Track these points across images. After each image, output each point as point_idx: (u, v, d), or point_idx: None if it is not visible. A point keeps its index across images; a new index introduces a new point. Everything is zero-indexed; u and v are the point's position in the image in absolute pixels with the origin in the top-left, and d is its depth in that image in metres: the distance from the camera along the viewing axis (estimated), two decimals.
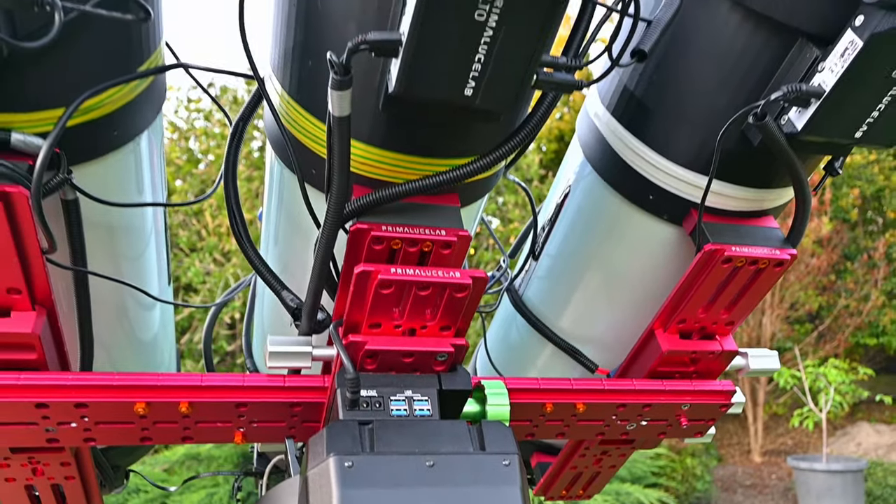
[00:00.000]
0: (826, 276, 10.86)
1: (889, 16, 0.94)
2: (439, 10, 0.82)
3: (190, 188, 9.74)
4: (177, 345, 1.84)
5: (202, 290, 8.87)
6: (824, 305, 10.92)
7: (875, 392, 9.98)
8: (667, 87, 1.21)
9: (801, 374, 8.94)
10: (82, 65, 1.00)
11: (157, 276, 1.60)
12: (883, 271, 11.05)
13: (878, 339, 11.23)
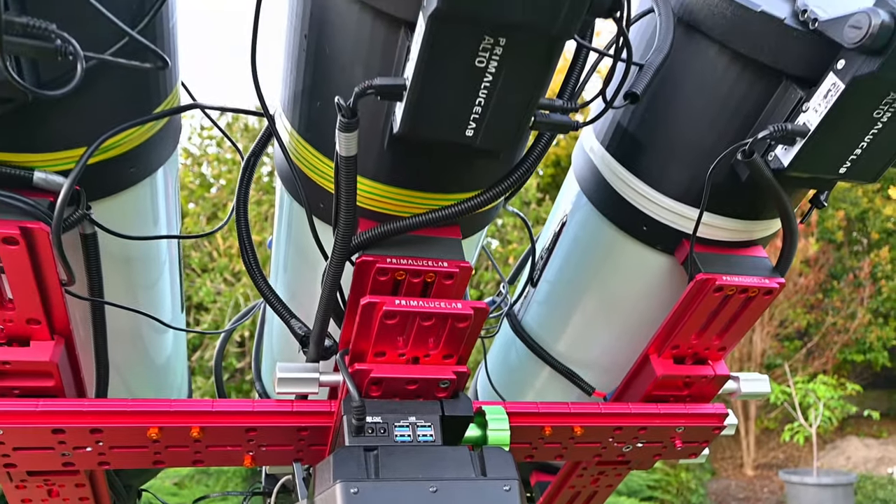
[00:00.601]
0: (814, 295, 10.83)
1: (869, 60, 0.95)
2: (442, 57, 0.83)
3: (202, 211, 9.76)
4: (188, 362, 1.83)
5: (213, 308, 8.87)
6: (812, 323, 10.88)
7: (863, 407, 9.92)
8: (658, 124, 1.22)
9: (791, 390, 8.88)
10: (102, 107, 1.01)
11: (170, 302, 1.60)
12: (868, 290, 11.03)
13: (864, 355, 11.17)
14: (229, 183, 9.87)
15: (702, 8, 1.09)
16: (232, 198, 9.33)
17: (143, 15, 0.98)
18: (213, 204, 9.77)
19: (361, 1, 0.92)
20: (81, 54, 0.79)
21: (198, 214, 9.73)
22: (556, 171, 11.19)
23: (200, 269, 9.30)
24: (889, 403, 12.30)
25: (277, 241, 1.50)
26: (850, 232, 12.11)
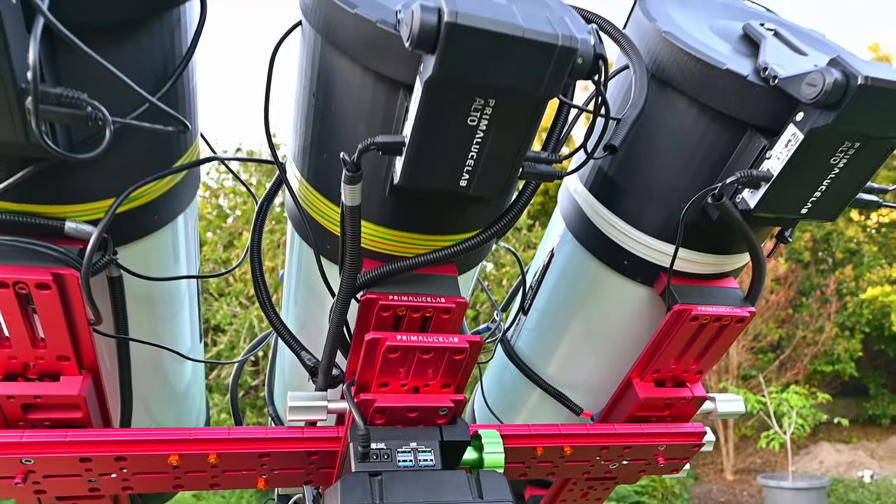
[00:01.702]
0: (784, 311, 10.84)
1: (825, 114, 0.96)
2: (437, 117, 0.85)
3: (219, 239, 9.77)
4: (206, 380, 1.82)
5: (229, 330, 8.83)
6: (784, 337, 10.87)
7: (833, 415, 9.87)
8: (636, 169, 1.24)
9: (766, 400, 8.83)
10: (128, 162, 1.02)
11: (189, 333, 1.60)
12: (835, 305, 11.04)
13: (833, 366, 11.15)
14: (244, 213, 9.90)
15: (673, 65, 1.11)
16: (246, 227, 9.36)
17: (165, 79, 0.99)
18: (229, 233, 9.79)
19: (364, 65, 0.94)
20: (110, 120, 0.80)
21: (215, 242, 9.74)
22: (544, 199, 11.24)
23: (218, 294, 9.28)
24: (857, 410, 12.25)
25: (288, 275, 1.50)
26: (816, 252, 12.16)
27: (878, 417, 12.27)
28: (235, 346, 8.69)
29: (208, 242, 9.52)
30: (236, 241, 9.59)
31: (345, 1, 0.90)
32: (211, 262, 9.50)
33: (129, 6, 0.87)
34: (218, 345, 8.71)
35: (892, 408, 12.24)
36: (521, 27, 0.77)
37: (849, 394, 12.27)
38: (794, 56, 1.10)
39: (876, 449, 11.17)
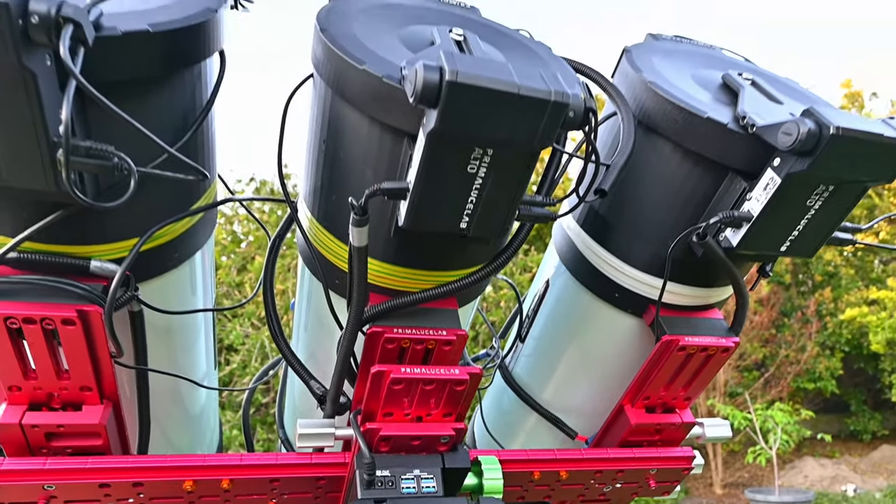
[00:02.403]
0: (768, 331, 10.79)
1: (800, 160, 0.97)
2: (438, 165, 0.86)
3: (233, 263, 9.78)
4: (215, 363, 1.79)
5: (241, 350, 8.79)
6: (768, 355, 10.80)
7: (816, 430, 9.76)
8: (625, 209, 1.25)
9: (752, 416, 8.75)
10: (150, 205, 1.03)
11: (204, 360, 1.59)
12: (815, 326, 10.99)
13: (815, 383, 11.06)
14: (256, 239, 9.92)
15: (658, 113, 1.13)
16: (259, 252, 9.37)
17: (186, 128, 1.01)
18: (242, 257, 9.80)
19: (371, 116, 0.95)
20: (135, 171, 0.81)
21: (229, 266, 9.75)
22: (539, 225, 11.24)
23: (231, 315, 9.25)
24: (839, 426, 12.11)
25: (299, 306, 1.50)
26: (796, 274, 12.14)
27: (860, 433, 12.12)
28: (247, 365, 8.64)
29: (223, 266, 9.53)
30: (249, 265, 9.60)
31: (353, 57, 0.91)
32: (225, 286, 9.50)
33: (154, 64, 0.88)
34: (230, 364, 8.66)
35: (873, 424, 12.10)
36: (517, 84, 0.78)
37: (831, 410, 12.15)
38: (770, 105, 1.12)
39: (858, 463, 11.02)
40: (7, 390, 1.04)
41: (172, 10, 0.89)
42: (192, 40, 0.91)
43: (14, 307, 0.94)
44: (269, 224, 9.70)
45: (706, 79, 1.23)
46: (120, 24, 0.81)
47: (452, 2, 1.22)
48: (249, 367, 8.43)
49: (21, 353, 1.00)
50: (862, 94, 13.22)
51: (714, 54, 1.38)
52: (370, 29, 1.01)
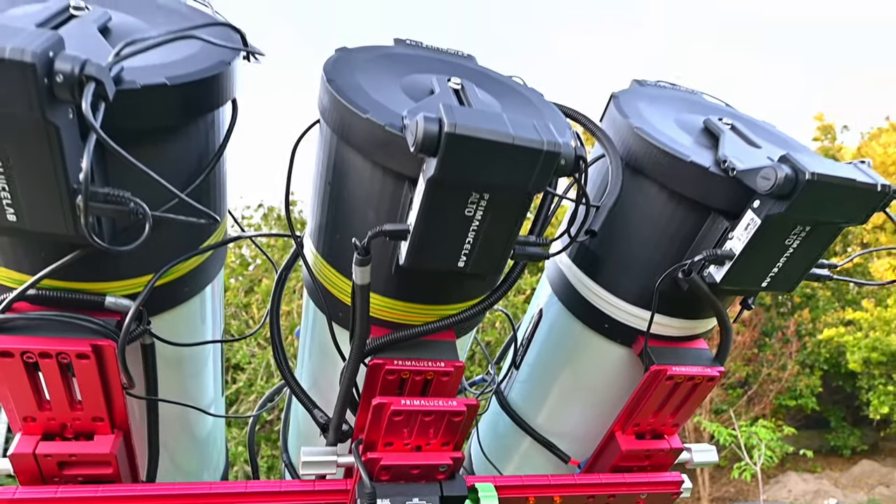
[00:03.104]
0: (750, 350, 10.75)
1: (778, 203, 0.98)
2: (438, 209, 0.86)
3: (241, 285, 9.74)
4: (223, 390, 1.77)
5: (248, 368, 8.72)
6: (751, 374, 10.75)
7: (798, 446, 9.66)
8: (614, 245, 1.25)
9: (736, 433, 8.66)
10: (163, 244, 1.03)
11: (212, 386, 1.58)
12: (795, 345, 10.97)
13: (796, 400, 10.99)
14: (264, 262, 9.91)
15: (644, 156, 1.13)
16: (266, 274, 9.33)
17: (200, 171, 1.01)
18: (249, 280, 9.77)
19: (374, 161, 0.96)
20: (150, 215, 0.81)
21: (237, 288, 9.71)
22: None
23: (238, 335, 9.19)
24: (820, 442, 12.00)
25: (304, 334, 1.49)
26: (776, 296, 12.15)
27: (840, 448, 12.01)
28: (253, 384, 8.56)
29: (231, 288, 9.49)
30: (256, 287, 9.56)
31: (357, 106, 0.92)
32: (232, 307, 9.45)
33: (171, 114, 0.89)
34: (237, 382, 8.57)
35: (852, 439, 12.00)
36: (511, 135, 0.79)
37: (811, 426, 12.04)
38: (749, 149, 1.13)
39: (839, 478, 10.89)
40: (22, 421, 1.03)
41: (189, 63, 0.90)
42: (207, 91, 0.92)
43: (31, 342, 0.93)
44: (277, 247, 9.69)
45: (688, 123, 1.25)
46: (139, 77, 0.82)
47: (450, 50, 1.24)
48: (255, 386, 8.35)
49: (37, 386, 0.98)
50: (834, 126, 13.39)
51: (695, 99, 1.39)
52: (373, 78, 1.02)
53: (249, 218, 10.44)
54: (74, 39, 0.82)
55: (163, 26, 0.97)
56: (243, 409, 8.25)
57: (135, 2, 1.03)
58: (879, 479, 10.56)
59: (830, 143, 13.17)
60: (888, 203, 1.00)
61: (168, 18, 1.01)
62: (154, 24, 0.99)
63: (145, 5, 1.03)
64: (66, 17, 0.90)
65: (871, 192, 0.97)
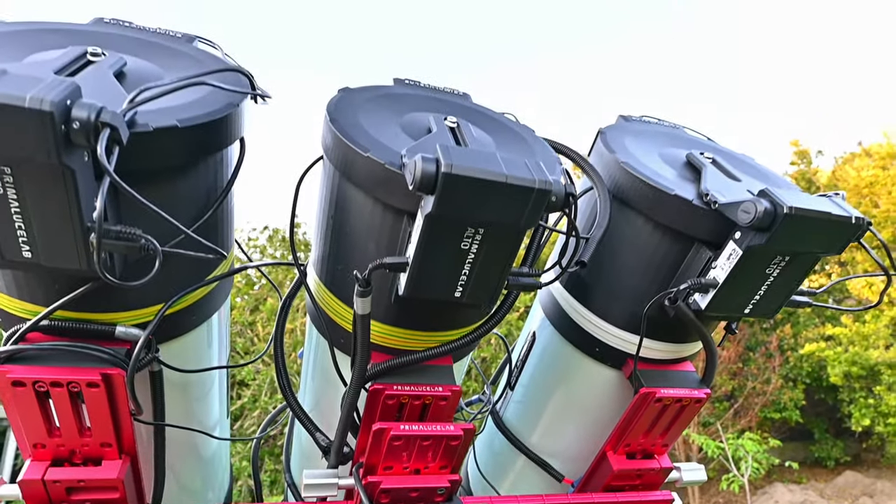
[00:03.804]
0: (735, 364, 10.70)
1: (758, 235, 0.99)
2: (435, 243, 0.86)
3: (247, 304, 9.69)
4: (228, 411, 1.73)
5: (252, 385, 8.62)
6: (737, 387, 10.68)
7: (784, 458, 9.57)
8: (603, 273, 1.25)
9: (724, 446, 8.57)
10: (172, 275, 1.02)
11: (218, 408, 1.56)
12: (778, 360, 10.92)
13: (780, 413, 10.91)
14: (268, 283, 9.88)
15: (630, 189, 1.14)
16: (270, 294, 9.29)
17: (209, 206, 1.01)
18: (255, 299, 9.72)
19: (374, 197, 0.96)
20: (160, 251, 0.81)
21: (243, 307, 9.66)
22: None
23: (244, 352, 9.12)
24: (805, 453, 11.89)
25: (307, 357, 1.48)
26: None
27: (824, 460, 11.89)
28: (257, 399, 8.46)
29: (236, 307, 9.44)
30: (262, 305, 9.51)
31: (358, 145, 0.93)
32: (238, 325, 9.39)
33: (182, 155, 0.90)
34: (242, 398, 8.48)
35: (836, 451, 11.89)
36: (504, 174, 0.80)
37: (796, 438, 11.94)
38: (729, 182, 1.14)
39: (824, 489, 10.77)
40: (32, 447, 1.01)
41: (199, 106, 0.91)
42: (216, 132, 0.93)
43: (43, 371, 0.92)
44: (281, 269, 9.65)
45: (672, 157, 1.26)
46: (152, 120, 0.82)
47: (447, 89, 1.25)
48: (259, 402, 8.25)
49: (47, 414, 0.97)
50: (809, 151, 13.53)
51: (678, 133, 1.41)
52: (374, 118, 1.03)
53: (255, 240, 10.42)
54: (91, 85, 0.83)
55: (175, 70, 0.99)
56: (248, 424, 8.15)
57: (148, 46, 1.05)
58: (863, 489, 10.45)
59: (807, 167, 13.30)
60: (862, 234, 1.01)
61: (180, 62, 1.02)
62: (167, 67, 1.00)
63: (158, 50, 1.05)
64: (84, 62, 0.91)
65: (846, 225, 0.97)
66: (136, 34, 1.08)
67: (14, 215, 0.74)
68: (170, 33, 1.13)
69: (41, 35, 0.97)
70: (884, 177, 11.41)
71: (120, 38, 1.04)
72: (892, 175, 11.45)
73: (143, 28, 1.11)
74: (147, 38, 1.07)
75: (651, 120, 1.46)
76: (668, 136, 1.37)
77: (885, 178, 11.40)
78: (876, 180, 11.44)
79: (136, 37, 1.06)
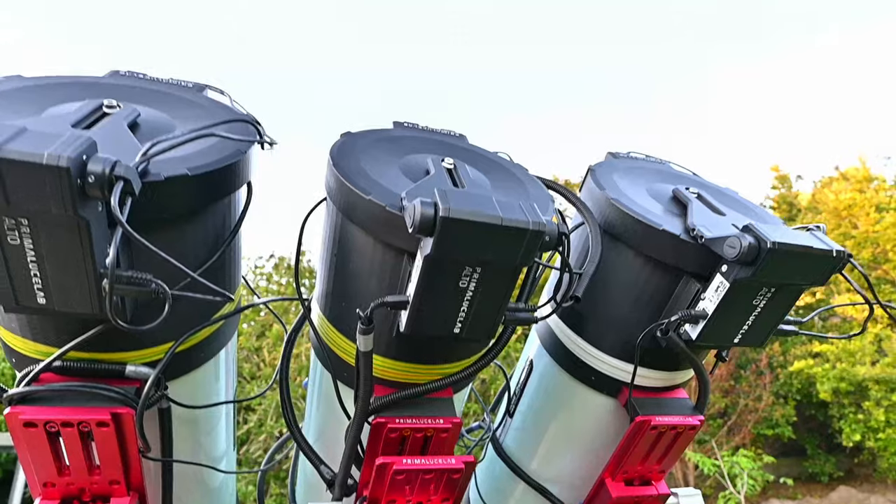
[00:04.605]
0: (727, 382, 10.60)
1: (744, 268, 0.99)
2: (434, 282, 0.86)
3: (253, 330, 9.63)
4: (236, 454, 1.69)
5: (258, 409, 8.50)
6: (730, 405, 10.56)
7: (778, 474, 9.39)
8: (596, 304, 1.25)
9: (720, 463, 8.42)
10: (181, 315, 1.02)
11: (225, 439, 1.53)
12: (768, 377, 10.83)
13: (773, 430, 10.76)
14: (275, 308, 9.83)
15: (620, 225, 1.15)
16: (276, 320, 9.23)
17: (217, 247, 1.01)
18: (261, 325, 9.67)
19: (375, 237, 0.96)
20: (170, 295, 0.81)
21: (249, 333, 9.60)
22: None
23: (250, 377, 9.02)
24: (799, 469, 11.68)
25: (311, 386, 1.46)
26: None
27: (818, 475, 11.67)
28: (263, 423, 8.34)
29: (243, 333, 9.38)
30: (268, 331, 9.45)
31: (360, 188, 0.94)
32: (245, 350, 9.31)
33: (192, 201, 0.90)
34: (248, 422, 8.35)
35: (829, 466, 11.68)
36: (500, 217, 0.80)
37: (789, 454, 11.74)
38: (714, 217, 1.14)
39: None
40: (42, 486, 0.99)
41: (208, 154, 0.92)
42: (225, 179, 0.93)
43: (54, 412, 0.91)
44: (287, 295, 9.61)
45: (659, 192, 1.27)
46: (163, 169, 0.83)
47: (444, 131, 1.27)
48: (265, 426, 8.13)
49: (57, 453, 0.95)
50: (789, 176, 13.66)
51: (664, 169, 1.42)
52: (374, 161, 1.04)
53: (262, 267, 10.42)
54: (106, 137, 0.84)
55: (186, 119, 1.00)
56: (254, 448, 8.01)
57: (161, 97, 1.06)
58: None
59: (787, 191, 13.41)
60: (843, 266, 1.01)
61: (191, 112, 1.04)
62: (178, 117, 1.01)
63: (170, 100, 1.06)
64: (100, 114, 0.92)
65: (828, 258, 0.98)
66: (150, 85, 1.09)
67: (30, 263, 0.74)
68: (181, 83, 1.15)
69: (61, 88, 0.99)
70: (861, 199, 11.50)
71: (134, 90, 1.05)
72: (868, 198, 11.54)
73: (155, 79, 1.13)
74: (159, 89, 1.09)
75: (638, 156, 1.47)
76: (654, 171, 1.38)
77: (862, 200, 11.48)
78: (854, 203, 11.51)
79: (149, 88, 1.08)
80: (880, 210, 11.25)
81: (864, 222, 11.15)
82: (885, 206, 11.32)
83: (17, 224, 0.70)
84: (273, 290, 10.06)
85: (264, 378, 8.69)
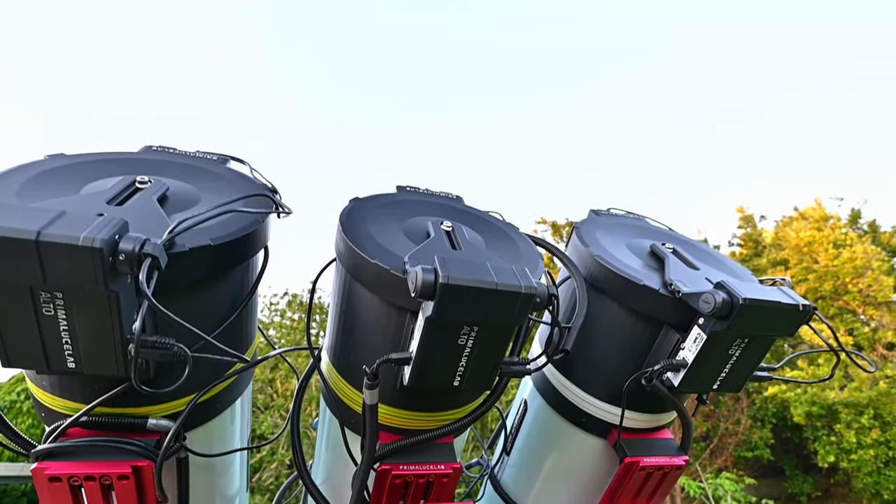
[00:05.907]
0: (707, 406, 10.36)
1: (719, 322, 0.98)
2: (435, 340, 0.85)
3: (266, 364, 9.46)
4: (248, 481, 1.61)
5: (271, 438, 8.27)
6: (711, 428, 10.30)
7: (760, 495, 9.08)
8: (584, 351, 1.23)
9: (704, 485, 8.15)
10: (200, 372, 1.00)
11: (239, 480, 1.48)
12: (745, 402, 10.62)
13: (752, 452, 10.47)
14: (288, 342, 9.70)
15: (604, 279, 1.15)
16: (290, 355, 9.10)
17: (234, 308, 1.01)
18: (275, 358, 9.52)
19: (381, 296, 0.96)
20: (191, 358, 0.79)
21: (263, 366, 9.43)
22: None
23: (263, 407, 8.82)
24: (779, 490, 11.31)
25: (321, 429, 1.43)
26: None
27: (798, 495, 11.28)
28: (275, 452, 8.09)
29: None
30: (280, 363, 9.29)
31: (367, 252, 0.94)
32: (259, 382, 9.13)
33: (213, 268, 0.90)
34: (261, 451, 8.11)
35: (807, 486, 11.31)
36: (495, 282, 0.80)
37: (769, 475, 11.39)
38: (689, 271, 1.14)
39: None
40: None
41: (229, 224, 0.92)
42: (244, 246, 0.94)
43: (78, 467, 0.88)
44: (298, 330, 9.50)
45: (637, 247, 1.28)
46: (188, 241, 0.83)
47: (443, 193, 1.28)
48: (277, 454, 7.89)
49: None
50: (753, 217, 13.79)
51: (641, 224, 1.43)
52: (379, 225, 1.04)
53: (276, 304, 10.34)
54: (137, 213, 0.84)
55: (210, 191, 1.01)
56: (266, 475, 7.75)
57: (188, 170, 1.08)
58: None
59: (752, 230, 13.51)
60: (809, 318, 1.01)
61: (215, 183, 1.05)
62: (203, 188, 1.02)
63: (196, 172, 1.08)
64: (133, 190, 0.93)
65: (795, 311, 0.97)
66: (178, 159, 1.11)
67: (62, 332, 0.73)
68: (207, 156, 1.17)
69: (98, 165, 1.00)
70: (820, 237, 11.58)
71: (164, 164, 1.07)
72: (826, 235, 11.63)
73: (184, 153, 1.15)
74: (187, 163, 1.10)
75: (618, 212, 1.49)
76: (633, 227, 1.39)
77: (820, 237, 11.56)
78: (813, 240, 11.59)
79: (177, 161, 1.10)
80: (837, 246, 11.32)
81: (823, 257, 11.19)
82: (841, 243, 11.39)
83: (53, 297, 0.70)
84: (286, 325, 9.95)
85: (277, 408, 8.49)
